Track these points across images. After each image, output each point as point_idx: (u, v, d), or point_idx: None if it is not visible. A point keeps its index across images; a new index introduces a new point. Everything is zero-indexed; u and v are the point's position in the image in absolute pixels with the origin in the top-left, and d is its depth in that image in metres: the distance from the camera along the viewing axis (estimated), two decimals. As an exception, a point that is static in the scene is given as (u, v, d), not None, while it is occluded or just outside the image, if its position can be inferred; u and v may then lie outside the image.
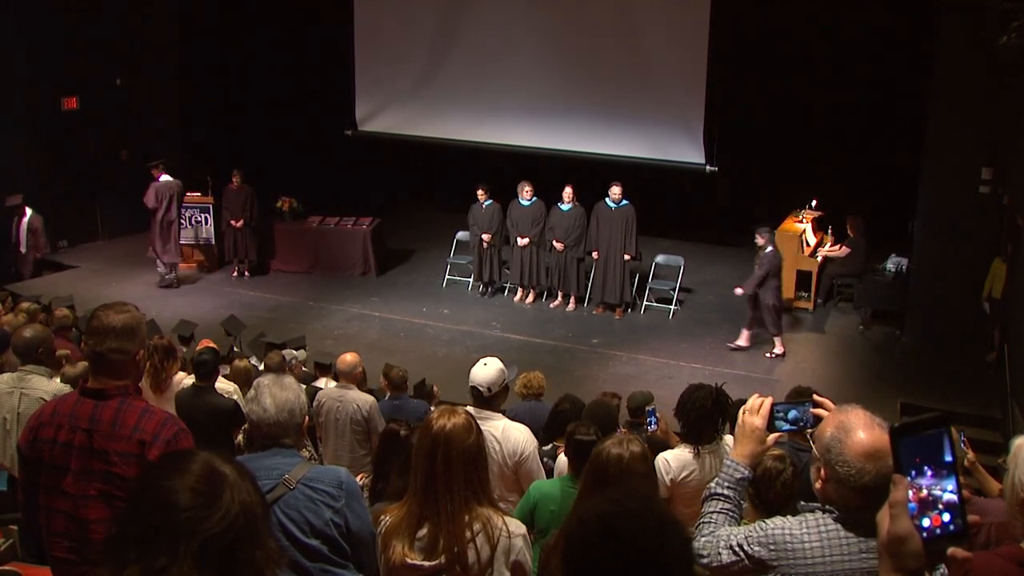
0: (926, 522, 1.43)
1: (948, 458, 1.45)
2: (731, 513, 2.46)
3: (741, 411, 2.51)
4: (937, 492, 1.44)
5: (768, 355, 10.24)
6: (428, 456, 2.69)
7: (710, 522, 2.41)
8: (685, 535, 1.75)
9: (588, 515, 1.70)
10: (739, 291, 10.17)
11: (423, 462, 2.70)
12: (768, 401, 2.46)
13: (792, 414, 2.46)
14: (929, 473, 1.44)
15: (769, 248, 10.00)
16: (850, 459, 2.08)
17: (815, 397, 2.43)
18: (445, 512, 2.66)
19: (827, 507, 2.21)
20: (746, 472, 2.45)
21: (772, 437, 2.45)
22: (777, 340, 10.26)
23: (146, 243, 12.70)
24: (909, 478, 1.44)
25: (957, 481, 1.45)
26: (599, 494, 2.13)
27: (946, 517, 1.43)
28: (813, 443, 2.29)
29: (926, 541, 1.42)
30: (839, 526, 2.16)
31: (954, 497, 1.44)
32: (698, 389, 4.30)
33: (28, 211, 12.49)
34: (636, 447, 3.15)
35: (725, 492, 2.46)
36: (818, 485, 2.22)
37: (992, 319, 9.82)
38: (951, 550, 1.46)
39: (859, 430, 2.10)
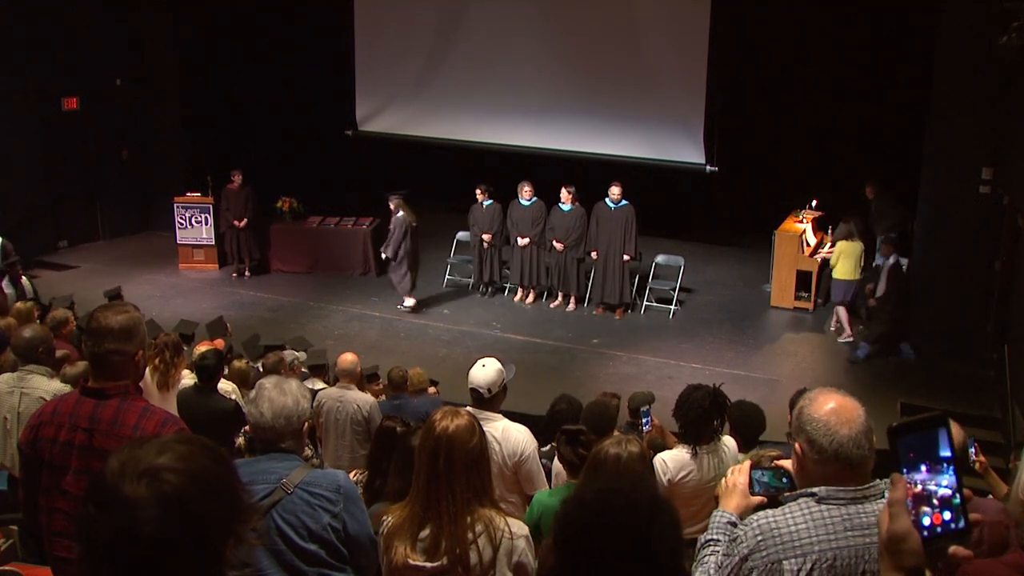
0: (927, 520, 1.43)
1: (944, 453, 1.45)
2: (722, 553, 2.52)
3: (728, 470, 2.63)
4: (932, 487, 1.43)
5: (400, 306, 11.53)
6: (430, 457, 2.69)
7: (703, 563, 2.46)
8: (674, 516, 1.85)
9: (585, 493, 1.80)
10: (384, 254, 11.46)
11: (425, 463, 2.70)
12: (747, 465, 2.57)
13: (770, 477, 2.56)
14: (924, 469, 1.44)
15: (400, 212, 11.24)
16: (818, 416, 2.23)
17: (777, 463, 2.52)
18: (447, 513, 2.66)
19: (809, 491, 2.26)
20: (732, 516, 2.52)
21: (756, 499, 2.52)
22: (408, 298, 11.55)
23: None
24: (904, 473, 1.44)
25: (956, 476, 1.45)
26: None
27: (947, 515, 1.43)
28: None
29: (927, 540, 1.42)
30: (822, 507, 2.21)
31: (949, 492, 1.43)
32: (696, 390, 4.30)
33: None
34: (635, 448, 3.15)
35: (716, 536, 2.51)
36: (797, 467, 2.31)
37: (848, 298, 10.36)
38: (952, 549, 1.45)
39: (827, 395, 2.29)
